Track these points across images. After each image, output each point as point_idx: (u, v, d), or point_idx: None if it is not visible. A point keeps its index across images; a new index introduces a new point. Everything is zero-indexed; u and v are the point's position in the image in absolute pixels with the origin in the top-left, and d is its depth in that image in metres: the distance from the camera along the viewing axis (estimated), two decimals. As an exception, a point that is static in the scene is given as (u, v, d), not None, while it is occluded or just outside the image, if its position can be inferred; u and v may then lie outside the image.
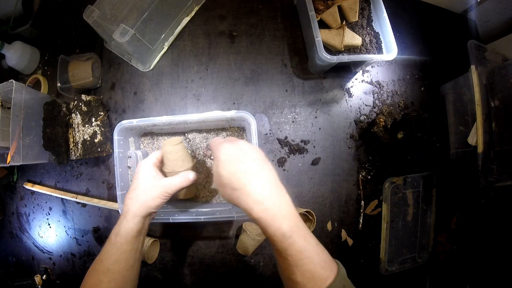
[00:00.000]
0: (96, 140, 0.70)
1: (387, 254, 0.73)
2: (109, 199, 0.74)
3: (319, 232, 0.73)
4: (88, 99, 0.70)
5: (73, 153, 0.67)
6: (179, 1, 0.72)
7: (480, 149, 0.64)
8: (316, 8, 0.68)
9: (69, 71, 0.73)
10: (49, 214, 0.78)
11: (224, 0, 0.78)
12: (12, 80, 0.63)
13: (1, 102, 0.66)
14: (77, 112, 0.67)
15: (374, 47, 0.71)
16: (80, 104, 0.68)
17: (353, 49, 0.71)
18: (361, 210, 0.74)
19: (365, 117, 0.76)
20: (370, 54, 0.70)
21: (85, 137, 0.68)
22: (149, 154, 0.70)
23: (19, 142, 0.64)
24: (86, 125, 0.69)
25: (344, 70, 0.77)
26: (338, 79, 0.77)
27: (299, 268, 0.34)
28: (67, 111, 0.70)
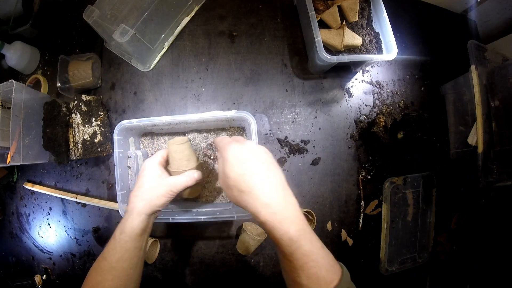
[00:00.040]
0: (96, 140, 0.70)
1: (387, 254, 0.73)
2: (109, 199, 0.74)
3: (319, 232, 0.73)
4: (88, 99, 0.70)
5: (73, 153, 0.67)
6: (179, 1, 0.72)
7: (480, 149, 0.64)
8: (316, 8, 0.68)
9: (69, 71, 0.73)
10: (49, 214, 0.78)
11: (224, 0, 0.78)
12: (12, 80, 0.63)
13: (1, 102, 0.66)
14: (77, 112, 0.67)
15: (374, 47, 0.71)
16: (80, 104, 0.68)
17: (353, 49, 0.71)
18: (361, 210, 0.74)
19: (365, 117, 0.76)
20: (370, 54, 0.70)
21: (85, 137, 0.68)
22: (149, 154, 0.71)
23: (19, 142, 0.64)
24: (86, 125, 0.69)
25: (344, 70, 0.77)
26: (338, 79, 0.77)
27: (304, 271, 0.34)
28: (67, 111, 0.70)
